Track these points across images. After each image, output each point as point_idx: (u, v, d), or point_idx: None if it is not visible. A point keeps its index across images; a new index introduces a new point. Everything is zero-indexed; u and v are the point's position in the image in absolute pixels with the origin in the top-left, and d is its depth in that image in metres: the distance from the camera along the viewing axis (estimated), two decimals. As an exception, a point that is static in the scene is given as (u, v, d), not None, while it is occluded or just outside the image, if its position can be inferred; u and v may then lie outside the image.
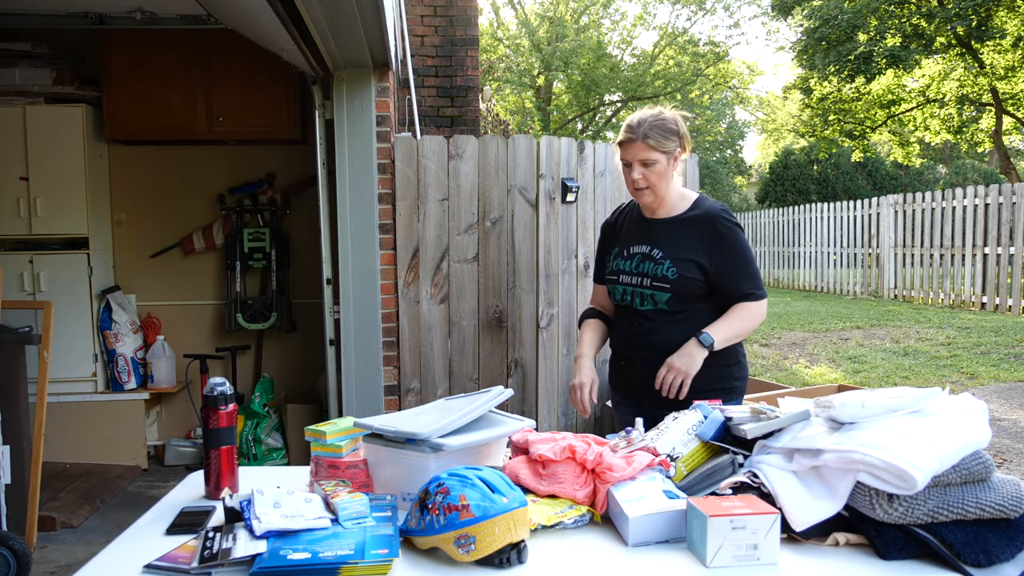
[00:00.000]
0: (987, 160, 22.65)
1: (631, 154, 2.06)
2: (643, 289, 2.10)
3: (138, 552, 1.31)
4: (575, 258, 3.84)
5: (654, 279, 2.08)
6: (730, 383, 2.10)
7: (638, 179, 2.06)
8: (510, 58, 21.28)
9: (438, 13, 5.58)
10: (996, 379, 5.22)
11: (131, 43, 4.12)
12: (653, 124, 2.03)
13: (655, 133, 2.02)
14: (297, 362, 4.73)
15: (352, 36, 2.97)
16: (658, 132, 2.03)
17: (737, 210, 20.64)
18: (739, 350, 2.15)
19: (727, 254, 2.04)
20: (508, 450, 1.69)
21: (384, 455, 1.53)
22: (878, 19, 13.83)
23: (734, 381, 2.12)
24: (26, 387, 3.22)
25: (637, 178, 2.06)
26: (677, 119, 2.08)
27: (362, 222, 3.56)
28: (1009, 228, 8.46)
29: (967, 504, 1.27)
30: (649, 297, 2.09)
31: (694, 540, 1.28)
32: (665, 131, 2.03)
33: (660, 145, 2.03)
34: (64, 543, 3.32)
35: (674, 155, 2.06)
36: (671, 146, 2.04)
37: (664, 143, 2.03)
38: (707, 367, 2.02)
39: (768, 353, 6.66)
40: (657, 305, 2.08)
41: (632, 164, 2.06)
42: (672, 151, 2.05)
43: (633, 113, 2.10)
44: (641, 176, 2.05)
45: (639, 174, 2.05)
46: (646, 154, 2.03)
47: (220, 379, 1.60)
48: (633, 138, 2.04)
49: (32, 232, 4.12)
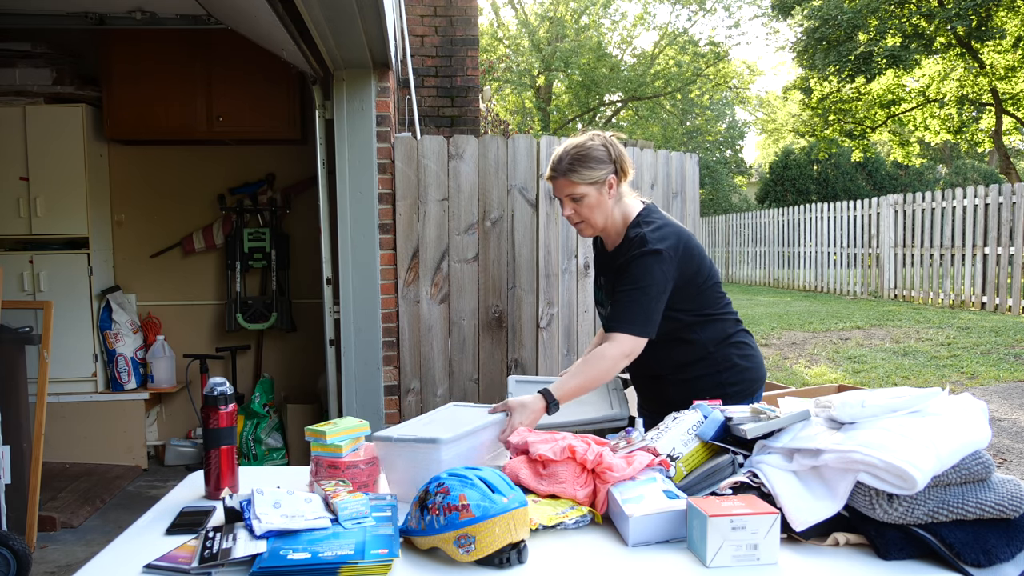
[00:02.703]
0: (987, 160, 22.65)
1: (558, 190, 1.99)
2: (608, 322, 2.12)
3: (138, 552, 1.31)
4: (575, 258, 3.84)
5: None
6: (723, 391, 2.03)
7: (570, 215, 1.99)
8: (510, 58, 21.28)
9: (438, 13, 5.58)
10: (996, 379, 5.22)
11: (131, 43, 4.12)
12: (575, 156, 1.93)
13: (577, 166, 1.93)
14: (297, 362, 4.73)
15: (352, 36, 2.97)
16: (579, 164, 1.93)
17: (737, 210, 20.66)
18: (733, 354, 2.08)
19: (619, 282, 1.96)
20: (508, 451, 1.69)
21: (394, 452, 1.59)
22: (878, 19, 13.83)
23: (728, 388, 2.05)
24: (26, 387, 3.22)
25: (570, 215, 1.99)
26: (608, 143, 1.96)
27: (362, 222, 3.56)
28: (1009, 228, 8.46)
29: (967, 504, 1.27)
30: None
31: (694, 540, 1.28)
32: (588, 161, 1.93)
33: (584, 178, 1.93)
34: (64, 543, 3.32)
35: (605, 183, 1.95)
36: (599, 175, 1.94)
37: (589, 174, 1.93)
38: (693, 379, 2.03)
39: (768, 353, 6.66)
40: None
41: (563, 200, 1.99)
42: (601, 179, 1.94)
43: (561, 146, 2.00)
44: (573, 212, 1.98)
45: (570, 210, 1.99)
46: (571, 189, 1.95)
47: (220, 379, 1.60)
48: (555, 175, 1.97)
49: (32, 232, 4.12)
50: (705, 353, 2.06)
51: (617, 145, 1.99)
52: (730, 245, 16.04)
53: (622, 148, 2.00)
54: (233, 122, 4.23)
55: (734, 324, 2.13)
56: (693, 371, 2.04)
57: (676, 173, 4.34)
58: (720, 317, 2.09)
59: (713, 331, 2.07)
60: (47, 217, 4.11)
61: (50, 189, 4.10)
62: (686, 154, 4.49)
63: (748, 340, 2.16)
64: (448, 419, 1.75)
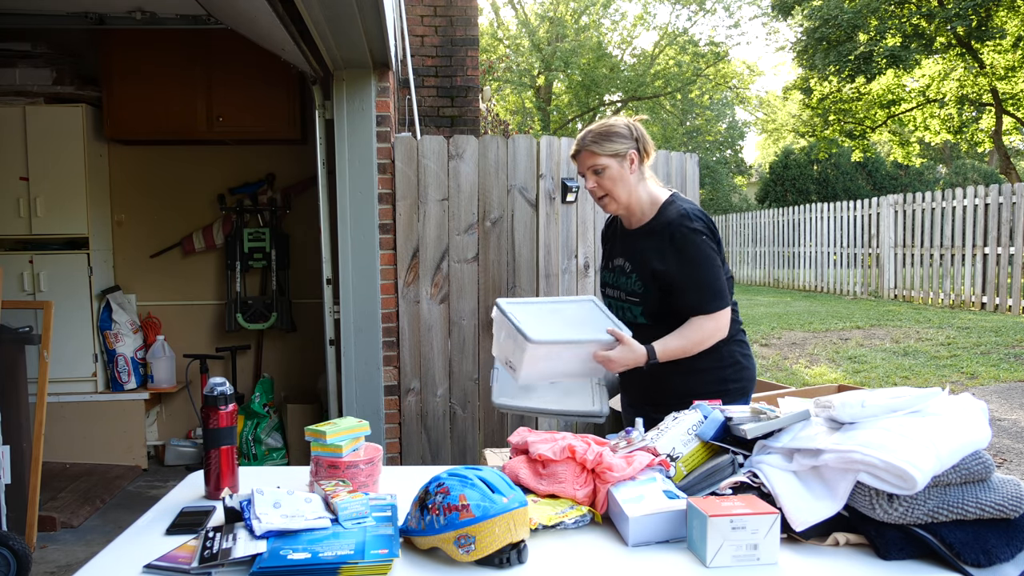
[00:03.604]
0: (987, 160, 22.65)
1: (581, 165, 2.06)
2: (621, 303, 2.13)
3: (138, 552, 1.31)
4: (575, 258, 3.84)
5: (627, 293, 2.10)
6: (725, 386, 2.06)
7: (593, 188, 2.05)
8: (510, 58, 21.28)
9: (438, 13, 5.58)
10: (996, 379, 5.22)
11: (131, 43, 4.12)
12: (598, 132, 2.03)
13: (599, 139, 2.01)
14: (297, 362, 4.73)
15: (352, 36, 2.97)
16: (601, 138, 2.01)
17: (737, 210, 20.65)
18: (736, 351, 2.12)
19: (679, 264, 1.99)
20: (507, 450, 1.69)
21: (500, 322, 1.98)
22: (878, 19, 13.83)
23: (730, 384, 2.08)
24: (26, 387, 3.22)
25: (592, 187, 2.05)
26: (630, 124, 2.05)
27: (362, 222, 3.56)
28: (1009, 228, 8.46)
29: (967, 504, 1.27)
30: (628, 310, 2.11)
31: (694, 540, 1.28)
32: (610, 135, 2.01)
33: (605, 149, 2.00)
34: (64, 543, 3.32)
35: (627, 157, 2.02)
36: (620, 148, 2.01)
37: (609, 146, 2.00)
38: (699, 371, 2.03)
39: (768, 353, 6.66)
40: (636, 318, 2.08)
41: (586, 174, 2.06)
42: (622, 152, 2.01)
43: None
44: (595, 185, 2.05)
45: (592, 183, 2.05)
46: (592, 161, 2.02)
47: (220, 379, 1.60)
48: (578, 149, 2.05)
49: (32, 232, 4.12)
50: (716, 348, 2.07)
51: (640, 127, 2.06)
52: (730, 245, 16.04)
53: (644, 130, 2.06)
54: (233, 122, 4.23)
55: (738, 322, 2.16)
56: (699, 363, 2.04)
57: (676, 173, 4.34)
58: (732, 314, 2.12)
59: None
60: (47, 217, 4.11)
61: (50, 189, 4.11)
62: (686, 154, 4.49)
63: (747, 340, 2.21)
64: (573, 317, 2.02)
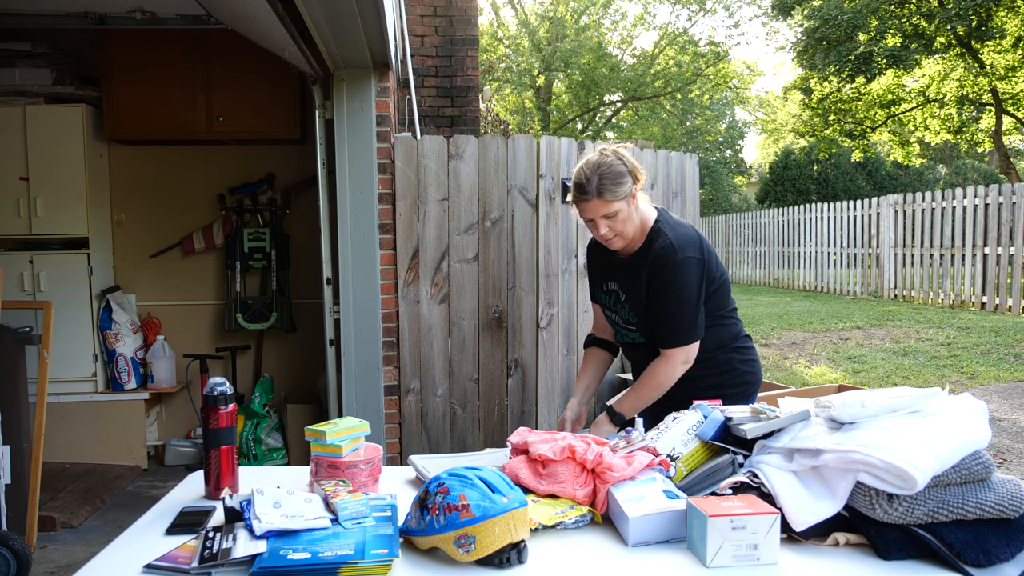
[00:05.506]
0: (987, 160, 22.65)
1: (590, 212, 1.97)
2: (619, 327, 2.17)
3: (138, 552, 1.31)
4: (575, 258, 3.84)
5: (624, 320, 2.12)
6: (721, 392, 2.03)
7: (606, 233, 1.99)
8: (510, 58, 21.28)
9: (438, 13, 5.58)
10: (996, 379, 5.22)
11: (131, 43, 4.12)
12: (602, 176, 1.93)
13: (607, 184, 1.92)
14: (297, 362, 4.73)
15: (352, 36, 2.97)
16: (609, 182, 1.92)
17: (737, 210, 20.65)
18: (734, 358, 2.12)
19: (656, 298, 1.99)
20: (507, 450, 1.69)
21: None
22: (878, 19, 13.83)
23: (726, 390, 2.07)
24: (26, 387, 3.22)
25: (605, 233, 1.99)
26: (621, 155, 1.98)
27: (362, 222, 3.56)
28: (1009, 228, 8.45)
29: (967, 504, 1.27)
30: (626, 333, 2.15)
31: (694, 540, 1.28)
32: (615, 177, 1.93)
33: (616, 195, 1.93)
34: (64, 543, 3.32)
35: (631, 194, 1.97)
36: (626, 188, 1.94)
37: (619, 190, 1.93)
38: (691, 379, 2.04)
39: (768, 353, 6.66)
40: (635, 340, 2.13)
41: (595, 220, 1.98)
42: (629, 192, 1.95)
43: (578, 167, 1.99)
44: (608, 229, 1.98)
45: (606, 229, 1.98)
46: (606, 209, 1.94)
47: (220, 379, 1.60)
48: (586, 197, 1.95)
49: (32, 232, 4.12)
50: (707, 355, 2.07)
51: (626, 155, 2.00)
52: (730, 245, 16.03)
53: (630, 156, 2.02)
54: (233, 122, 4.23)
55: (739, 328, 2.16)
56: (693, 371, 2.05)
57: (676, 173, 4.34)
58: (726, 321, 2.13)
59: (718, 334, 2.10)
60: (47, 217, 4.11)
61: (50, 189, 4.10)
62: (686, 154, 4.49)
63: (749, 344, 2.20)
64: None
